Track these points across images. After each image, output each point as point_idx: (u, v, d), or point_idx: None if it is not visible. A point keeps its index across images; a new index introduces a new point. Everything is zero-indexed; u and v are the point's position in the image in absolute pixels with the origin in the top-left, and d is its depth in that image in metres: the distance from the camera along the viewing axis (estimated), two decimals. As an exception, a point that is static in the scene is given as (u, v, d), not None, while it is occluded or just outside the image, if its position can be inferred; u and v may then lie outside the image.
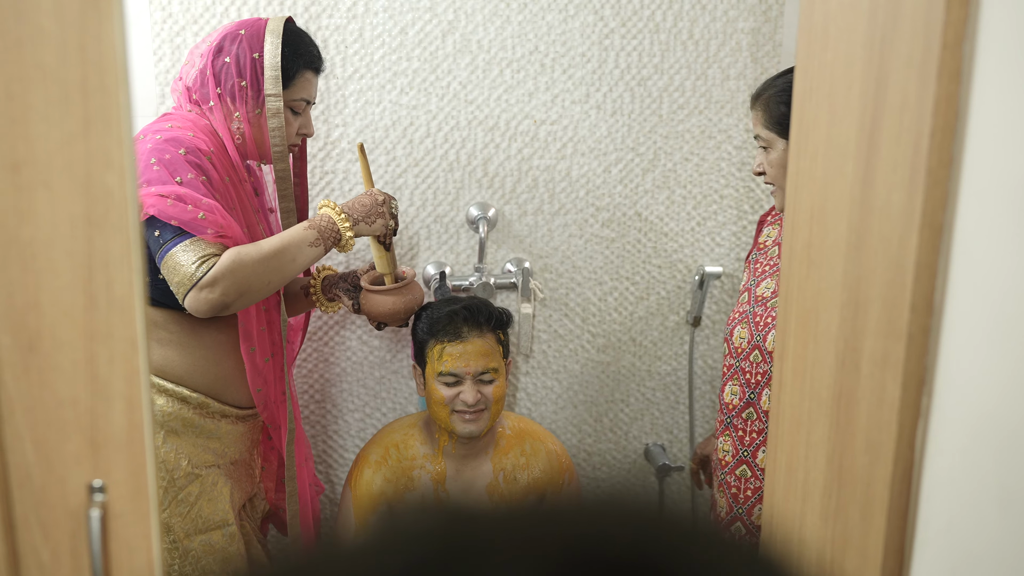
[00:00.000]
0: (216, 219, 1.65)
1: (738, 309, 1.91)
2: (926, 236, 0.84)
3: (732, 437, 1.89)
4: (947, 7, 0.79)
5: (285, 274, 1.74)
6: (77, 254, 0.80)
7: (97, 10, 0.76)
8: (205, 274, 1.64)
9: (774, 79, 1.83)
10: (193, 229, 1.64)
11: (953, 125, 0.81)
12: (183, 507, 1.82)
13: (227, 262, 1.65)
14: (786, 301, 1.12)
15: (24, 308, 0.81)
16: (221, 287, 1.65)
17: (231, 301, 1.67)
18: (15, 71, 0.77)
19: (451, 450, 2.08)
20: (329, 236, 1.79)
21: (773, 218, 2.00)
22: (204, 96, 1.79)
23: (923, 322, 0.86)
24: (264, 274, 1.70)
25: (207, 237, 1.65)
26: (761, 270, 1.92)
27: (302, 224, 1.78)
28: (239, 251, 1.68)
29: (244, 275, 1.66)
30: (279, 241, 1.73)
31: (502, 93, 2.28)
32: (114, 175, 0.79)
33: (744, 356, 1.86)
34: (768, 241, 1.96)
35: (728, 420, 1.90)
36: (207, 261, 1.65)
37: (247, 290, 1.68)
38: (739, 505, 1.88)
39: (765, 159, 1.82)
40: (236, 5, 2.16)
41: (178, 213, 1.63)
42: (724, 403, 1.91)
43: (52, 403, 0.83)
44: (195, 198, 1.64)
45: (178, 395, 1.79)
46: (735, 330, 1.89)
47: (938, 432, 0.86)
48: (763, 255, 1.95)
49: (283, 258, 1.73)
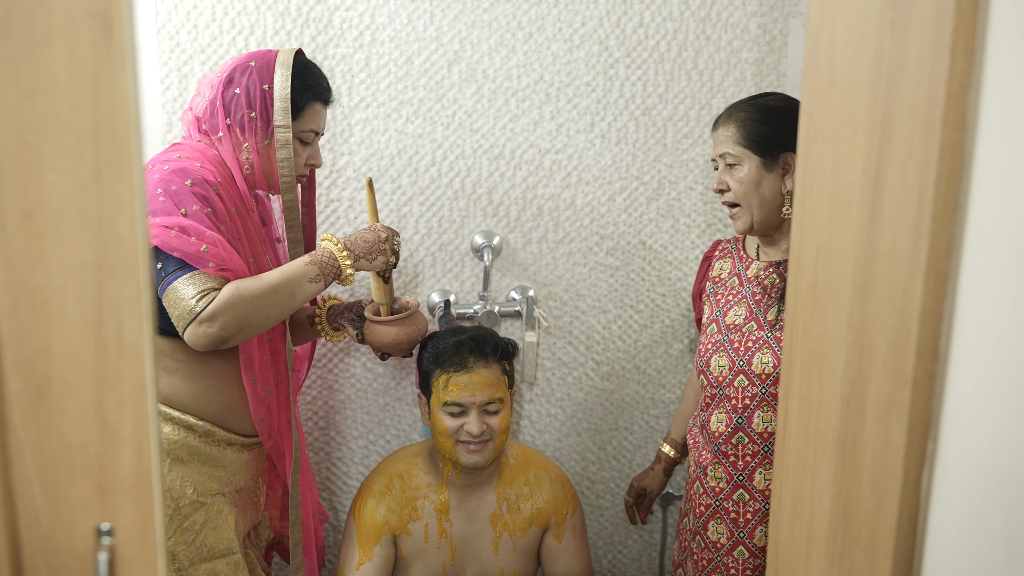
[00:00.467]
0: (218, 252, 1.66)
1: (709, 340, 1.93)
2: (931, 283, 0.84)
3: (723, 464, 1.90)
4: (952, 57, 0.80)
5: (284, 309, 1.75)
6: (88, 300, 0.81)
7: (110, 62, 0.77)
8: (205, 308, 1.64)
9: (746, 100, 1.88)
10: (195, 262, 1.65)
11: (958, 174, 0.82)
12: (188, 535, 1.82)
13: (226, 297, 1.66)
14: (791, 340, 1.12)
15: (34, 354, 0.81)
16: (220, 322, 1.66)
17: (229, 335, 1.68)
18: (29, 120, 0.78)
19: (455, 480, 2.08)
20: (330, 271, 1.80)
21: (721, 252, 2.03)
22: (214, 126, 1.80)
23: (928, 368, 0.86)
24: (263, 309, 1.70)
25: (208, 270, 1.66)
26: (724, 300, 1.94)
27: (303, 259, 1.79)
28: (239, 286, 1.68)
29: (243, 310, 1.67)
30: (279, 276, 1.74)
31: (507, 122, 2.29)
32: (125, 222, 0.79)
33: (727, 383, 1.87)
34: (723, 274, 1.99)
35: (716, 448, 1.90)
36: (207, 295, 1.66)
37: (246, 324, 1.69)
38: (740, 529, 1.88)
39: (731, 177, 1.85)
40: (243, 35, 2.17)
41: (181, 245, 1.64)
42: (710, 432, 1.91)
43: (61, 447, 0.84)
44: (199, 230, 1.65)
45: (184, 423, 1.79)
46: (712, 360, 1.90)
47: (944, 478, 0.86)
48: (721, 287, 1.97)
49: (283, 293, 1.73)
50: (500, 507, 2.11)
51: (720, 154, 1.86)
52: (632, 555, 2.62)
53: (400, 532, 2.07)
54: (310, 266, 1.77)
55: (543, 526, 2.14)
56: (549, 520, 2.14)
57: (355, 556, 2.06)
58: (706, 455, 1.95)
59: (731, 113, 1.87)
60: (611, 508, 2.58)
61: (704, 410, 1.95)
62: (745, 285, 1.91)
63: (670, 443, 2.23)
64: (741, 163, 1.83)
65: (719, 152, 1.86)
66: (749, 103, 1.86)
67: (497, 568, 2.12)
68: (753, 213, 1.83)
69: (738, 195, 1.84)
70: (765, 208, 1.82)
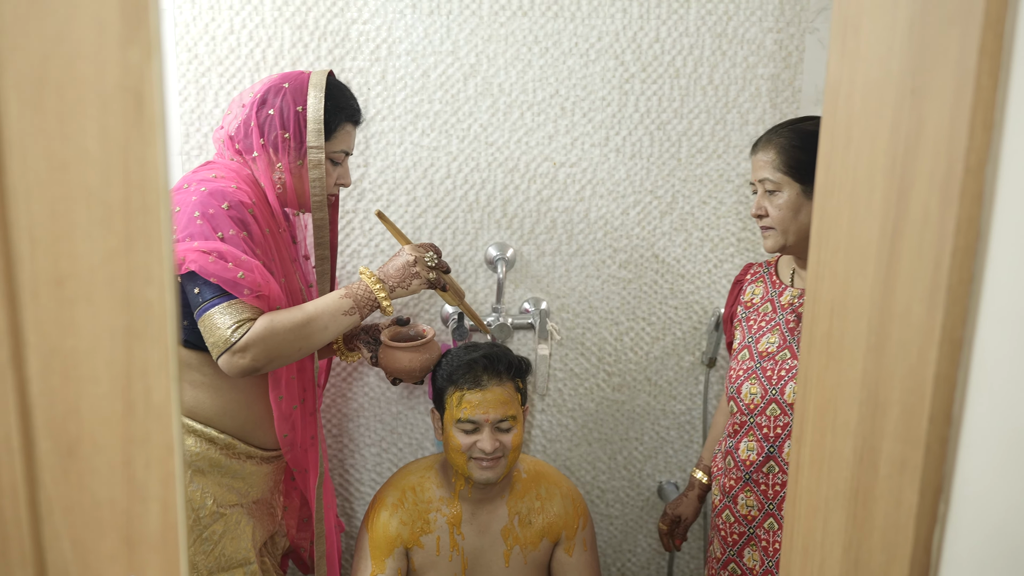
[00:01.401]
0: (255, 278, 1.68)
1: (740, 367, 1.92)
2: (946, 350, 0.85)
3: (755, 492, 1.89)
4: (970, 132, 0.81)
5: (315, 342, 1.77)
6: (117, 364, 0.83)
7: (141, 135, 0.78)
8: (239, 339, 1.67)
9: (786, 124, 1.85)
10: (232, 288, 1.67)
11: (974, 246, 0.83)
12: (207, 545, 1.84)
13: (260, 330, 1.69)
14: (804, 387, 1.13)
15: (64, 415, 0.83)
16: (252, 354, 1.68)
17: (261, 366, 1.71)
18: (60, 191, 0.79)
19: (467, 493, 2.10)
20: (365, 304, 1.82)
21: (753, 276, 2.02)
22: (248, 147, 1.82)
23: (941, 432, 0.87)
24: (295, 342, 1.73)
25: (245, 298, 1.68)
26: (757, 327, 1.93)
27: (338, 292, 1.81)
28: (273, 319, 1.71)
29: (275, 343, 1.70)
30: (314, 309, 1.76)
31: (522, 136, 2.30)
32: (154, 290, 0.81)
33: (759, 411, 1.86)
34: (755, 299, 1.97)
35: (747, 476, 1.90)
36: (243, 326, 1.68)
37: (277, 356, 1.72)
38: (769, 558, 1.88)
39: (769, 203, 1.83)
40: (261, 48, 2.18)
41: (218, 271, 1.66)
42: (740, 460, 1.91)
43: (90, 504, 0.86)
44: (235, 255, 1.67)
45: (206, 436, 1.82)
46: (743, 387, 1.89)
47: (955, 541, 0.88)
48: (754, 312, 1.96)
49: (315, 326, 1.76)
50: (512, 521, 2.13)
51: (760, 179, 1.84)
52: (641, 563, 2.64)
53: (412, 545, 2.10)
54: (345, 300, 1.79)
55: (554, 540, 2.16)
56: (560, 534, 2.16)
57: (367, 568, 2.09)
58: (734, 483, 1.94)
59: (771, 138, 1.84)
60: (620, 517, 2.60)
61: (732, 436, 1.94)
62: (778, 312, 1.89)
63: (703, 469, 2.21)
64: (781, 189, 1.80)
65: (759, 177, 1.84)
66: (789, 128, 1.83)
67: (508, 581, 2.14)
68: (788, 238, 1.82)
69: (775, 221, 1.82)
70: (802, 234, 1.80)
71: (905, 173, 0.90)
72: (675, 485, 2.56)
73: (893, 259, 0.92)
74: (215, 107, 2.20)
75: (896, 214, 0.91)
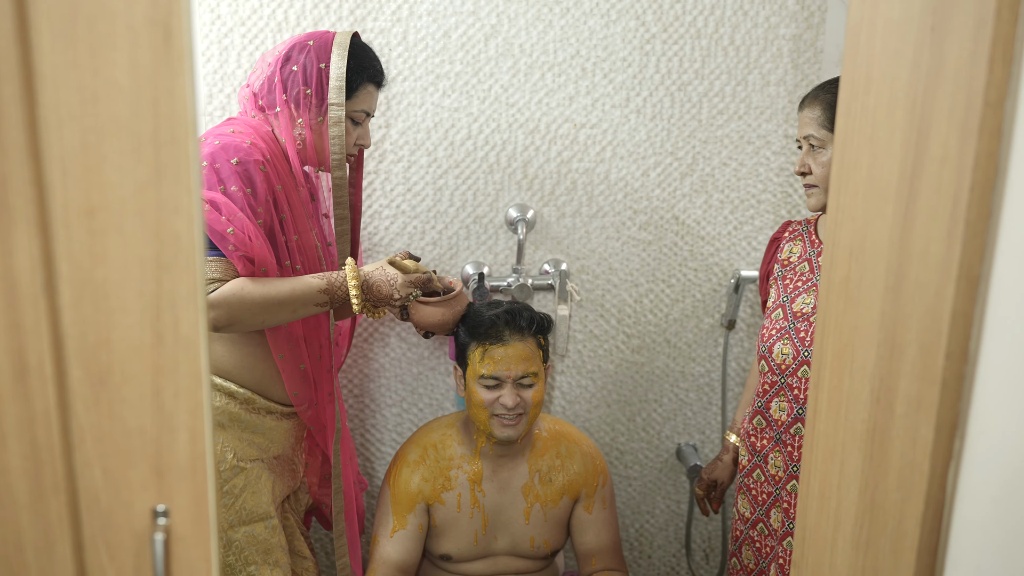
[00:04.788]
0: (243, 237, 1.71)
1: (773, 326, 1.91)
2: (963, 286, 0.86)
3: (783, 453, 1.89)
4: (990, 67, 0.81)
5: (281, 319, 1.80)
6: (146, 294, 0.84)
7: (169, 67, 0.80)
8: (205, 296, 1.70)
9: (835, 81, 1.81)
10: (218, 241, 1.70)
11: (992, 181, 0.83)
12: (228, 499, 1.87)
13: (226, 293, 1.72)
14: (823, 332, 1.14)
15: (96, 344, 0.85)
16: (213, 314, 1.72)
17: (221, 327, 1.75)
18: (91, 123, 0.81)
19: (488, 451, 2.12)
20: (339, 300, 1.84)
21: (791, 234, 2.00)
22: (271, 102, 1.84)
23: (958, 369, 0.88)
24: (259, 314, 1.76)
25: (229, 254, 1.71)
26: (792, 286, 1.92)
27: (318, 283, 1.82)
28: (245, 286, 1.73)
29: (239, 309, 1.73)
30: (288, 290, 1.78)
31: (543, 96, 2.30)
32: (182, 221, 0.83)
33: (791, 372, 1.86)
34: (792, 257, 1.96)
35: (777, 436, 1.90)
36: (210, 284, 1.72)
37: (237, 322, 1.75)
38: (790, 520, 1.87)
39: (813, 160, 1.82)
40: (283, 8, 2.19)
41: (210, 220, 1.69)
42: (772, 419, 1.91)
43: (120, 433, 0.88)
44: (231, 210, 1.70)
45: (226, 390, 1.85)
46: (775, 347, 1.88)
47: (969, 477, 0.89)
48: (790, 271, 1.94)
49: (284, 308, 1.78)
50: (532, 478, 2.15)
51: (804, 135, 1.83)
52: (659, 524, 2.66)
53: (433, 501, 2.12)
54: (321, 294, 1.81)
55: (574, 497, 2.18)
56: (580, 492, 2.18)
57: (389, 523, 2.12)
58: (766, 442, 1.94)
59: (817, 94, 1.83)
60: (639, 478, 2.62)
61: (762, 396, 1.94)
62: (816, 272, 1.88)
63: (736, 432, 2.19)
64: (825, 147, 1.79)
65: (804, 134, 1.83)
66: (838, 85, 1.81)
67: (528, 538, 2.16)
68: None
69: (819, 179, 1.81)
70: None
71: (925, 111, 0.90)
72: (694, 447, 2.58)
73: (912, 198, 0.92)
74: (237, 68, 2.22)
75: (915, 153, 0.92)
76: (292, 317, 1.81)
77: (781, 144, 2.38)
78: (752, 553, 2.00)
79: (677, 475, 2.63)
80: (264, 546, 1.94)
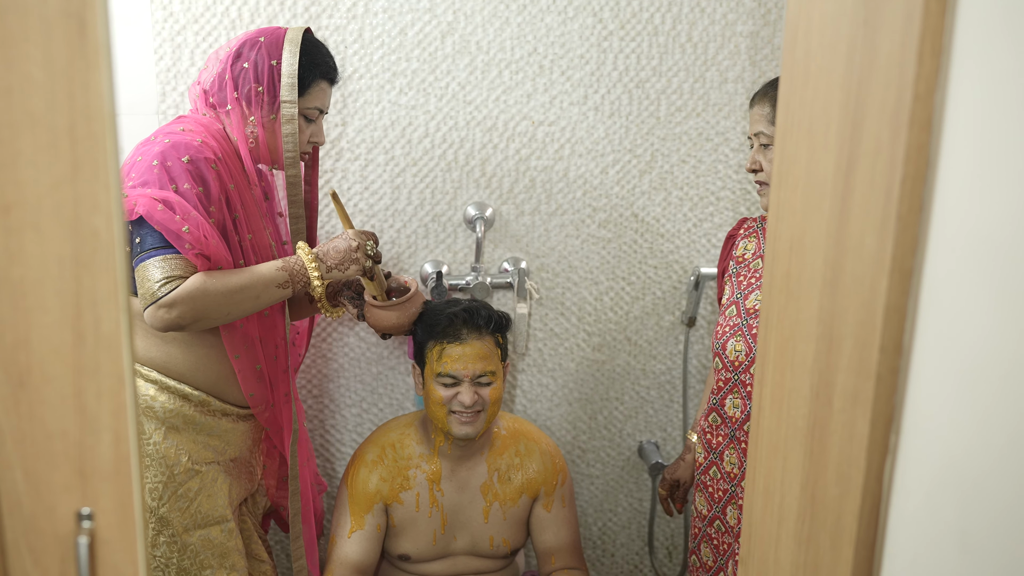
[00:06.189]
0: (198, 235, 1.68)
1: (727, 323, 1.91)
2: (896, 279, 0.86)
3: (737, 450, 1.89)
4: (919, 59, 0.81)
5: (245, 309, 1.77)
6: (65, 293, 0.83)
7: (85, 60, 0.78)
8: (167, 295, 1.67)
9: None
10: (174, 240, 1.67)
11: (923, 173, 0.83)
12: (182, 502, 1.85)
13: (190, 288, 1.69)
14: (766, 328, 1.14)
15: (14, 345, 0.83)
16: (178, 311, 1.69)
17: (186, 324, 1.72)
18: (5, 118, 0.79)
19: (447, 450, 2.11)
20: (299, 280, 1.82)
21: (746, 231, 1.99)
22: (222, 100, 1.82)
23: (892, 363, 0.88)
24: (224, 306, 1.73)
25: (186, 252, 1.68)
26: (746, 283, 1.92)
27: (275, 264, 1.80)
28: (205, 280, 1.71)
29: (203, 304, 1.70)
30: (248, 277, 1.76)
31: (500, 94, 2.29)
32: (101, 218, 0.81)
33: (743, 369, 1.85)
34: (747, 254, 1.95)
35: (732, 433, 1.90)
36: (172, 282, 1.69)
37: (204, 317, 1.72)
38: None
39: (764, 156, 1.81)
40: (236, 5, 2.17)
41: (165, 220, 1.66)
42: (727, 416, 1.90)
43: (42, 435, 0.86)
44: (184, 208, 1.67)
45: (180, 392, 1.82)
46: (728, 343, 1.88)
47: (905, 471, 0.88)
48: (744, 268, 1.94)
49: (247, 294, 1.76)
50: (491, 477, 2.14)
51: (755, 132, 1.82)
52: (622, 523, 2.66)
53: (392, 501, 2.11)
54: (281, 272, 1.79)
55: (533, 496, 2.18)
56: (539, 490, 2.17)
57: (347, 524, 2.10)
58: (721, 439, 1.93)
59: (767, 91, 1.82)
60: (601, 477, 2.61)
61: (716, 393, 1.93)
62: None
63: (697, 431, 2.19)
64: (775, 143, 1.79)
65: (754, 131, 1.82)
66: None
67: (487, 537, 2.15)
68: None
69: (770, 176, 1.79)
70: None
71: (859, 105, 0.90)
72: (655, 445, 2.58)
73: (847, 192, 0.92)
74: (191, 65, 2.19)
75: (850, 147, 0.91)
76: (256, 305, 1.78)
77: (739, 141, 2.38)
78: (710, 551, 2.00)
79: (639, 473, 2.62)
80: (220, 550, 1.91)
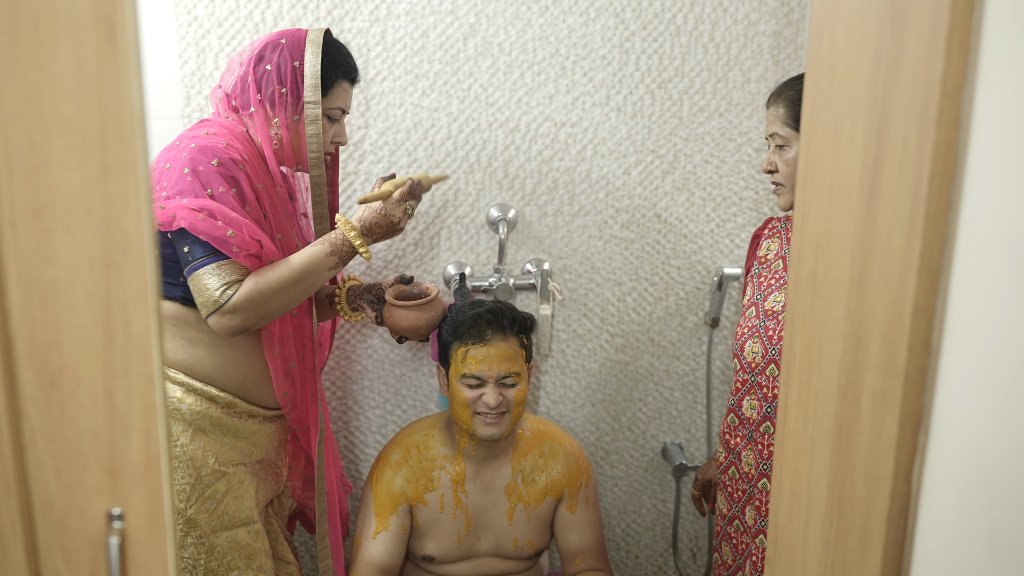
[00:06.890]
0: (243, 237, 1.70)
1: (746, 324, 1.90)
2: (924, 278, 0.85)
3: (754, 451, 1.88)
4: (947, 57, 0.80)
5: (304, 294, 1.80)
6: (96, 294, 0.83)
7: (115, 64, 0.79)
8: (227, 301, 1.70)
9: (797, 78, 1.81)
10: (221, 246, 1.69)
11: (952, 171, 0.82)
12: (210, 504, 1.86)
13: (248, 292, 1.71)
14: (792, 327, 1.13)
15: (46, 346, 0.84)
16: (241, 315, 1.72)
17: (251, 325, 1.75)
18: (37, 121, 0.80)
19: (471, 451, 2.11)
20: (347, 253, 1.83)
21: (770, 231, 1.98)
22: (244, 102, 1.83)
23: (920, 362, 0.87)
24: (282, 298, 1.76)
25: (235, 256, 1.70)
26: (766, 284, 1.91)
27: (321, 247, 1.82)
28: (259, 280, 1.73)
29: (263, 302, 1.73)
30: (299, 266, 1.78)
31: (523, 95, 2.30)
32: (131, 220, 0.82)
33: (759, 371, 1.85)
34: (769, 255, 1.94)
35: (749, 434, 1.89)
36: (231, 287, 1.71)
37: (266, 315, 1.75)
38: (762, 518, 1.87)
39: (779, 157, 1.80)
40: (260, 8, 2.18)
41: (208, 228, 1.67)
42: (744, 418, 1.90)
43: (73, 435, 0.87)
44: (225, 213, 1.69)
45: (207, 394, 1.83)
46: (746, 345, 1.87)
47: (934, 470, 0.88)
48: (766, 269, 1.93)
49: (302, 284, 1.79)
50: (515, 479, 2.14)
51: (771, 133, 1.82)
52: (646, 524, 2.65)
53: (416, 502, 2.11)
54: (329, 256, 1.81)
55: (557, 497, 2.17)
56: (563, 492, 2.17)
57: (372, 525, 2.11)
58: (740, 440, 1.93)
59: (781, 91, 1.81)
60: (625, 478, 2.61)
61: (735, 394, 1.93)
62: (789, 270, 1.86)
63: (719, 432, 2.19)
64: (789, 144, 1.78)
65: (769, 132, 1.82)
66: (796, 80, 1.80)
67: (511, 538, 2.15)
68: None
69: (785, 177, 1.80)
70: None
71: (885, 103, 0.89)
72: (679, 446, 2.57)
73: (874, 191, 0.92)
74: (215, 69, 2.21)
75: (878, 145, 0.91)
76: (311, 289, 1.81)
77: (762, 141, 2.37)
78: (730, 549, 2.00)
79: (663, 474, 2.62)
80: (247, 551, 1.92)
